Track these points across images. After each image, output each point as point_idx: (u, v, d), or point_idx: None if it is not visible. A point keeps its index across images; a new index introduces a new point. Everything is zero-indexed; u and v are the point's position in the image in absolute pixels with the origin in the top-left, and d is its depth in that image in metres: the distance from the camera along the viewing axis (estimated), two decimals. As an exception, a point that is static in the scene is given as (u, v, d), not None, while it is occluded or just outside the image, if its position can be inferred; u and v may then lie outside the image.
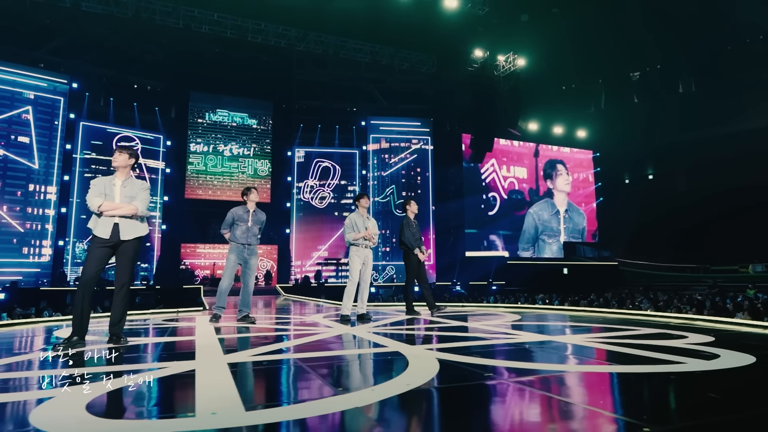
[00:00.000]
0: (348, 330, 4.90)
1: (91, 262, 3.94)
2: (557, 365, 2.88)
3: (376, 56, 21.85)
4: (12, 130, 17.74)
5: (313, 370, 2.78)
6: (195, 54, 19.97)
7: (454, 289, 18.71)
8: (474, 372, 2.70)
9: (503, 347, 3.74)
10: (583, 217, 27.04)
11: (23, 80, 18.00)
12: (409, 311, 6.92)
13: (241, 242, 5.79)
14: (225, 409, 1.92)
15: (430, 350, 3.48)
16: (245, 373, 2.71)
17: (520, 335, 4.33)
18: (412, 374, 2.59)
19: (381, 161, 24.20)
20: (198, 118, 22.13)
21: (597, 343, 3.70)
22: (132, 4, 17.58)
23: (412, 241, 7.07)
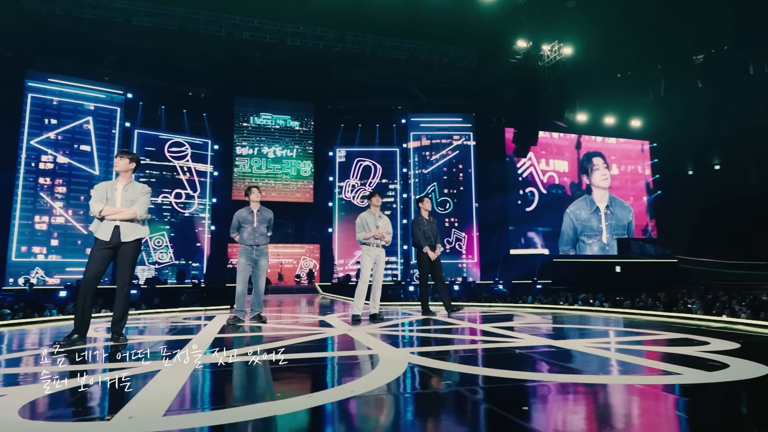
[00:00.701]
0: (348, 330, 4.84)
1: (93, 263, 4.11)
2: (528, 373, 2.66)
3: (414, 53, 21.64)
4: (75, 139, 19.14)
5: (273, 373, 2.73)
6: (238, 60, 20.64)
7: (495, 288, 18.22)
8: (437, 378, 2.56)
9: (490, 352, 3.54)
10: (628, 211, 25.31)
11: (84, 93, 19.37)
12: (424, 311, 6.76)
13: (249, 244, 5.77)
14: (144, 414, 1.91)
15: (412, 354, 3.34)
16: (204, 375, 2.70)
17: (521, 339, 4.08)
18: (368, 380, 2.49)
19: (422, 158, 23.97)
20: (243, 122, 22.90)
21: (594, 349, 3.41)
22: (177, 15, 18.43)
23: (422, 240, 6.91)
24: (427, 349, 3.65)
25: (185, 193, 21.13)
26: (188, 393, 2.30)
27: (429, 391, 2.37)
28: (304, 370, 2.97)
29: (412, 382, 2.56)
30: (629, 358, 3.10)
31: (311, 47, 20.43)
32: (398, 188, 23.91)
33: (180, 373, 2.66)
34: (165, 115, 21.13)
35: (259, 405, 2.06)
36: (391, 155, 23.99)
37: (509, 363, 3.21)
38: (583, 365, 3.03)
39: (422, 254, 7.03)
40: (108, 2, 17.73)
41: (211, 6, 18.54)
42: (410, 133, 24.03)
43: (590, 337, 4.26)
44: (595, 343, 3.75)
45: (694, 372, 2.65)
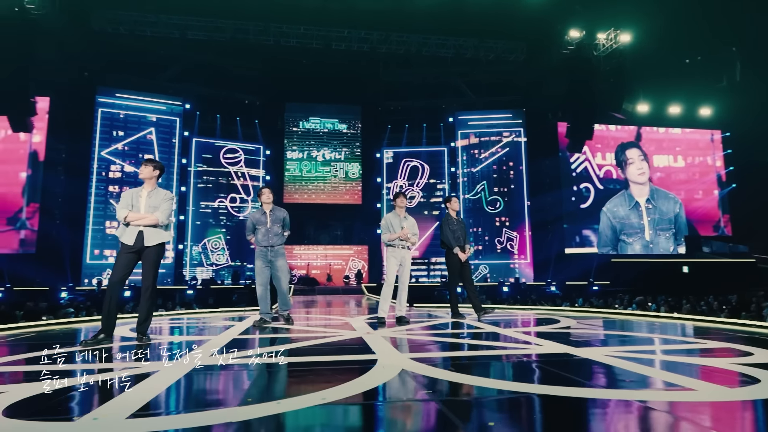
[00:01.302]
0: (366, 333, 4.79)
1: (118, 267, 4.34)
2: (520, 384, 2.49)
3: (460, 50, 21.28)
4: (140, 149, 20.49)
5: (257, 377, 2.75)
6: (287, 67, 21.27)
7: (547, 290, 17.50)
8: (420, 387, 2.46)
9: (494, 359, 3.37)
10: (674, 202, 22.99)
11: (147, 105, 20.71)
12: (453, 314, 6.58)
13: (264, 245, 5.72)
14: (110, 416, 1.96)
15: (413, 360, 3.24)
16: (194, 378, 2.75)
17: (538, 346, 3.86)
18: (348, 387, 2.43)
19: (471, 157, 23.52)
20: (293, 127, 23.54)
21: (611, 358, 3.15)
22: (229, 27, 19.26)
23: (452, 240, 6.69)
24: (428, 355, 3.54)
25: (239, 198, 22.03)
26: (166, 396, 2.35)
27: (403, 401, 2.28)
28: (294, 374, 2.97)
29: (394, 390, 2.48)
30: (643, 369, 2.83)
31: (356, 50, 20.64)
32: (446, 188, 23.60)
33: (173, 374, 2.73)
34: (220, 123, 22.14)
35: (223, 410, 2.07)
36: (439, 155, 23.74)
37: (508, 372, 3.05)
38: (585, 376, 2.81)
39: (452, 255, 6.81)
40: (166, 19, 18.83)
41: (260, 16, 19.19)
42: (458, 132, 23.65)
43: (616, 345, 3.96)
44: (616, 352, 3.47)
45: (712, 388, 2.37)
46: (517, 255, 22.75)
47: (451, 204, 7.06)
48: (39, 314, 9.17)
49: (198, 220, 21.33)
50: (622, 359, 3.15)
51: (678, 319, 6.59)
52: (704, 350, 3.74)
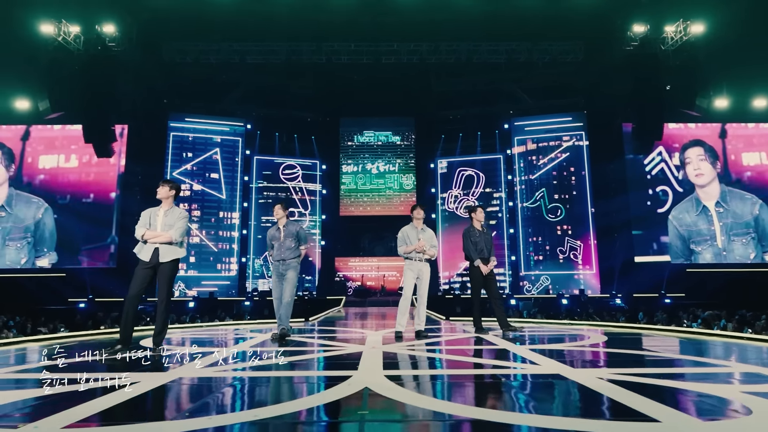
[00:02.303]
0: (372, 348, 4.76)
1: (135, 282, 4.66)
2: (477, 410, 2.36)
3: (513, 54, 20.72)
4: (206, 168, 21.93)
5: (214, 391, 2.83)
6: (340, 84, 21.86)
7: (612, 303, 16.35)
8: (359, 407, 2.42)
9: (477, 380, 3.22)
10: (752, 203, 19.97)
11: (213, 127, 22.16)
12: (477, 329, 6.34)
13: (276, 259, 5.83)
14: (49, 424, 2.11)
15: (386, 377, 3.18)
16: (161, 390, 2.88)
17: (537, 366, 3.63)
18: (293, 404, 2.45)
19: (528, 164, 22.71)
20: (348, 141, 24.09)
21: (603, 382, 2.88)
22: (283, 49, 20.17)
23: (473, 252, 6.47)
24: (404, 373, 3.44)
25: (298, 212, 22.82)
26: (119, 407, 2.48)
27: (330, 421, 2.25)
28: (261, 388, 3.01)
29: (331, 410, 2.44)
30: (625, 395, 2.56)
31: (406, 62, 20.76)
32: (503, 196, 22.95)
33: (146, 386, 2.88)
34: (278, 141, 23.16)
35: (152, 424, 2.16)
36: (495, 163, 23.17)
37: (471, 394, 2.89)
38: (550, 401, 2.60)
39: (474, 268, 6.59)
40: (227, 46, 20.11)
41: (312, 37, 19.93)
42: (514, 138, 22.96)
43: (625, 366, 3.63)
44: (615, 374, 3.18)
45: (684, 420, 2.12)
46: (581, 265, 21.54)
47: (476, 215, 6.87)
48: (99, 323, 10.03)
49: (259, 234, 22.33)
50: (612, 383, 2.88)
51: (739, 338, 5.92)
52: (722, 375, 3.32)
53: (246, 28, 19.28)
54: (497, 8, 18.30)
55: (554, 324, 8.15)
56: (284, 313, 5.70)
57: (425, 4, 18.18)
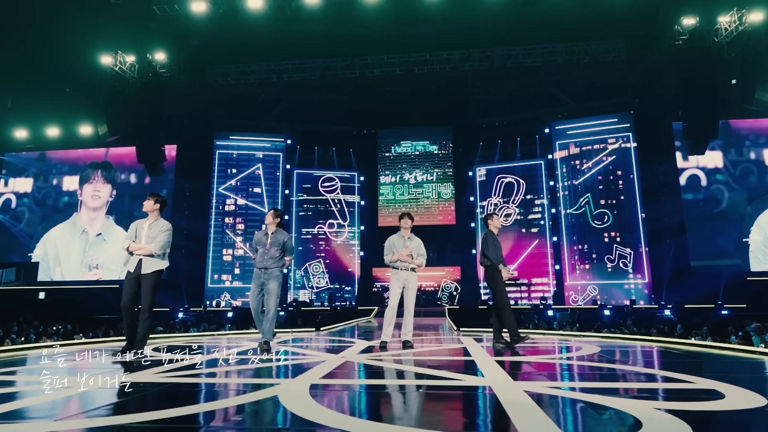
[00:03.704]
0: (340, 358, 4.77)
1: (124, 291, 4.97)
2: (334, 416, 2.32)
3: (549, 57, 20.12)
4: (249, 183, 22.88)
5: (133, 396, 2.95)
6: (374, 96, 22.16)
7: (659, 314, 15.24)
8: (238, 413, 2.45)
9: (392, 390, 3.14)
10: None
11: (255, 144, 23.13)
12: (514, 338, 5.92)
13: (258, 266, 5.66)
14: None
15: (315, 384, 3.18)
16: (90, 395, 3.04)
17: (483, 379, 3.49)
18: (195, 407, 2.52)
19: (571, 169, 21.80)
20: (385, 152, 24.28)
21: (521, 394, 2.74)
22: (318, 66, 20.78)
23: (499, 256, 6.25)
24: (338, 382, 3.42)
25: (337, 223, 23.22)
26: (49, 405, 2.66)
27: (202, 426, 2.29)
28: (178, 392, 3.11)
29: (213, 417, 2.49)
30: (523, 409, 2.42)
31: (439, 71, 20.72)
32: (545, 203, 22.14)
33: (91, 390, 3.06)
34: (317, 155, 23.75)
35: (40, 422, 2.30)
36: (535, 169, 22.44)
37: (378, 405, 2.84)
38: (440, 412, 2.50)
39: (497, 272, 6.35)
40: (265, 66, 21.01)
41: (345, 52, 20.40)
42: (555, 143, 22.16)
43: (571, 380, 3.42)
44: (549, 387, 3.00)
45: None
46: (632, 274, 20.27)
47: (494, 221, 6.65)
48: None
49: (300, 246, 22.92)
50: (535, 396, 2.72)
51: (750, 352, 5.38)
52: (680, 388, 3.03)
53: (282, 48, 20.07)
54: (530, 11, 17.89)
55: (556, 335, 7.73)
56: (267, 327, 5.56)
57: (456, 12, 18.10)
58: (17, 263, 21.34)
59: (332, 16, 17.76)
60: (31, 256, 21.19)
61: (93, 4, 18.57)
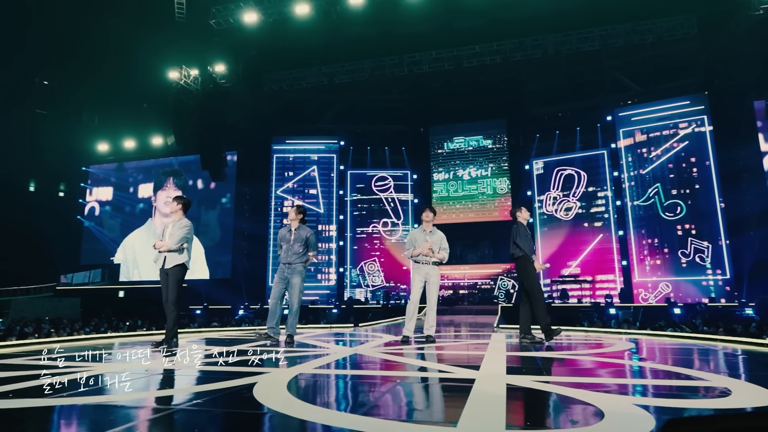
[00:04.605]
0: (349, 350, 4.78)
1: (162, 288, 5.33)
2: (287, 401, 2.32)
3: (608, 39, 18.92)
4: (305, 185, 23.57)
5: (123, 380, 3.13)
6: (424, 93, 22.01)
7: (738, 312, 13.80)
8: (195, 396, 2.52)
9: (370, 380, 3.09)
10: None
11: (310, 147, 23.79)
12: (548, 333, 5.69)
13: (283, 261, 5.89)
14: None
15: (298, 375, 3.22)
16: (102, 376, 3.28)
17: (474, 372, 3.36)
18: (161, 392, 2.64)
19: (638, 157, 20.35)
20: (438, 149, 24.02)
21: (500, 385, 2.60)
22: (367, 66, 20.99)
23: (530, 248, 6.02)
24: (322, 371, 3.41)
25: (391, 222, 23.30)
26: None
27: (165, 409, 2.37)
28: (166, 378, 3.26)
29: (171, 399, 2.57)
30: (493, 400, 2.29)
31: (489, 63, 20.17)
32: (609, 195, 20.83)
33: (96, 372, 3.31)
34: (370, 154, 23.98)
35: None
36: (597, 159, 21.19)
37: (344, 393, 2.80)
38: (402, 402, 2.42)
39: (529, 264, 6.15)
40: (316, 70, 21.57)
41: (393, 51, 20.45)
42: (619, 131, 20.78)
43: (561, 375, 3.19)
44: (536, 380, 2.83)
45: (489, 423, 1.87)
46: (711, 270, 18.56)
47: (523, 213, 6.53)
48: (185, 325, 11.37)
49: (355, 245, 23.26)
50: (516, 389, 2.58)
51: None
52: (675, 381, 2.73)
53: (331, 51, 20.49)
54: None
55: (602, 333, 7.21)
56: (291, 322, 5.81)
57: (504, 1, 17.58)
58: (102, 265, 23.50)
59: (377, 16, 17.86)
60: (113, 259, 23.21)
61: (161, 23, 19.98)
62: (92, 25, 21.28)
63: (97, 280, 22.82)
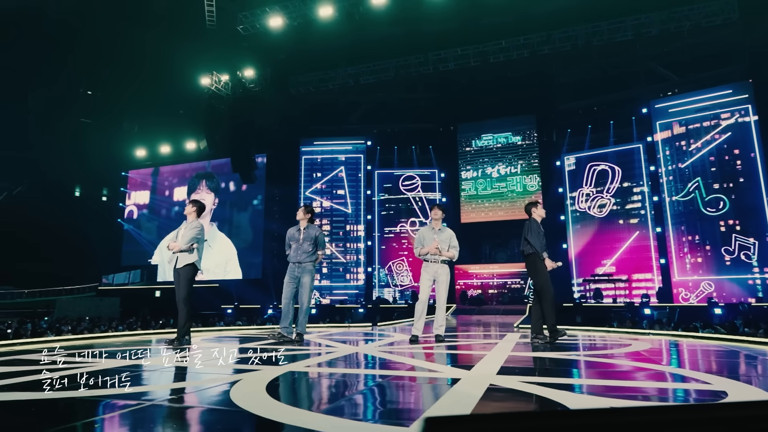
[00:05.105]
0: (355, 347, 4.76)
1: (174, 285, 5.50)
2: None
3: (642, 28, 18.16)
4: (333, 186, 23.76)
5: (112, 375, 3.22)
6: (451, 90, 21.77)
7: (786, 313, 12.94)
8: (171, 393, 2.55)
9: (355, 381, 3.06)
10: None
11: (337, 147, 23.97)
12: (553, 335, 5.51)
13: (293, 261, 5.89)
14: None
15: (285, 371, 3.23)
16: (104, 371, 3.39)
17: (461, 372, 3.27)
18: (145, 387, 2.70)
19: (676, 151, 19.44)
20: (466, 147, 23.70)
21: (498, 381, 2.52)
22: (392, 66, 20.96)
23: (542, 244, 5.85)
24: (312, 370, 3.40)
25: (419, 221, 23.15)
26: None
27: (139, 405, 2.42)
28: (154, 374, 3.32)
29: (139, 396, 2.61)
30: (451, 399, 2.22)
31: (516, 58, 19.76)
32: (646, 190, 19.99)
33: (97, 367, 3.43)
34: (397, 154, 23.93)
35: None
36: (632, 153, 20.37)
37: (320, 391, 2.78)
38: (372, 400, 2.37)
39: (540, 262, 5.98)
40: (342, 71, 21.71)
41: (418, 49, 20.33)
42: (655, 123, 19.91)
43: (551, 375, 3.06)
44: (522, 380, 2.73)
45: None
46: (757, 267, 17.52)
47: (537, 210, 6.35)
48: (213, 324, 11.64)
49: (383, 245, 23.27)
50: (496, 390, 2.50)
51: None
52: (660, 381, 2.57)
53: (356, 52, 20.61)
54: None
55: (627, 333, 6.90)
56: (301, 320, 5.88)
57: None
58: (141, 266, 24.45)
59: (400, 15, 17.82)
60: (150, 261, 24.11)
61: (194, 32, 20.60)
62: (131, 37, 22.22)
63: (137, 281, 23.79)
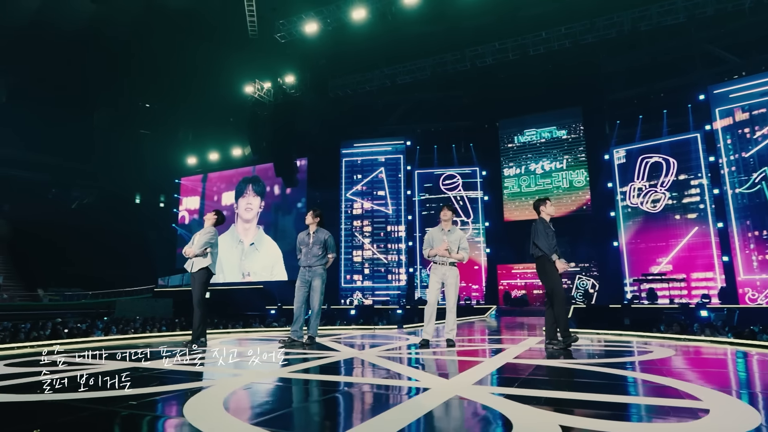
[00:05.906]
0: (358, 353, 4.73)
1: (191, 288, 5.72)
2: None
3: (694, 9, 16.91)
4: (373, 187, 23.86)
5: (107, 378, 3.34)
6: (490, 86, 21.23)
7: None
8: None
9: (334, 389, 3.01)
10: None
11: (377, 149, 24.05)
12: (566, 340, 5.26)
13: (303, 265, 5.89)
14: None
15: (281, 375, 3.24)
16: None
17: (436, 382, 3.16)
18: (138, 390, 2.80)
19: (739, 139, 17.92)
20: (508, 144, 23.06)
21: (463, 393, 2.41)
22: (428, 64, 20.77)
23: (552, 245, 5.60)
24: (292, 376, 3.38)
25: (460, 221, 22.79)
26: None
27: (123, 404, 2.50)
28: (147, 377, 3.42)
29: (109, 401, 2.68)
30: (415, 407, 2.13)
31: (557, 49, 18.99)
32: (705, 183, 18.60)
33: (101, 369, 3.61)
34: (437, 153, 23.67)
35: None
36: (688, 144, 19.01)
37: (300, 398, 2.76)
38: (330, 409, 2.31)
39: (549, 264, 5.72)
40: (379, 72, 21.75)
41: (453, 46, 20.02)
42: (715, 110, 18.44)
43: (558, 389, 2.87)
44: (501, 391, 2.59)
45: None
46: (836, 265, 15.84)
47: (546, 207, 6.09)
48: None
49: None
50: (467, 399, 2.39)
51: None
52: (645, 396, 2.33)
53: (391, 52, 20.58)
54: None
55: (662, 338, 6.39)
56: (313, 323, 5.92)
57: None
58: (194, 269, 25.62)
59: (433, 12, 17.61)
60: (202, 263, 25.21)
61: (240, 43, 21.33)
62: (184, 50, 23.34)
63: (188, 283, 24.96)
